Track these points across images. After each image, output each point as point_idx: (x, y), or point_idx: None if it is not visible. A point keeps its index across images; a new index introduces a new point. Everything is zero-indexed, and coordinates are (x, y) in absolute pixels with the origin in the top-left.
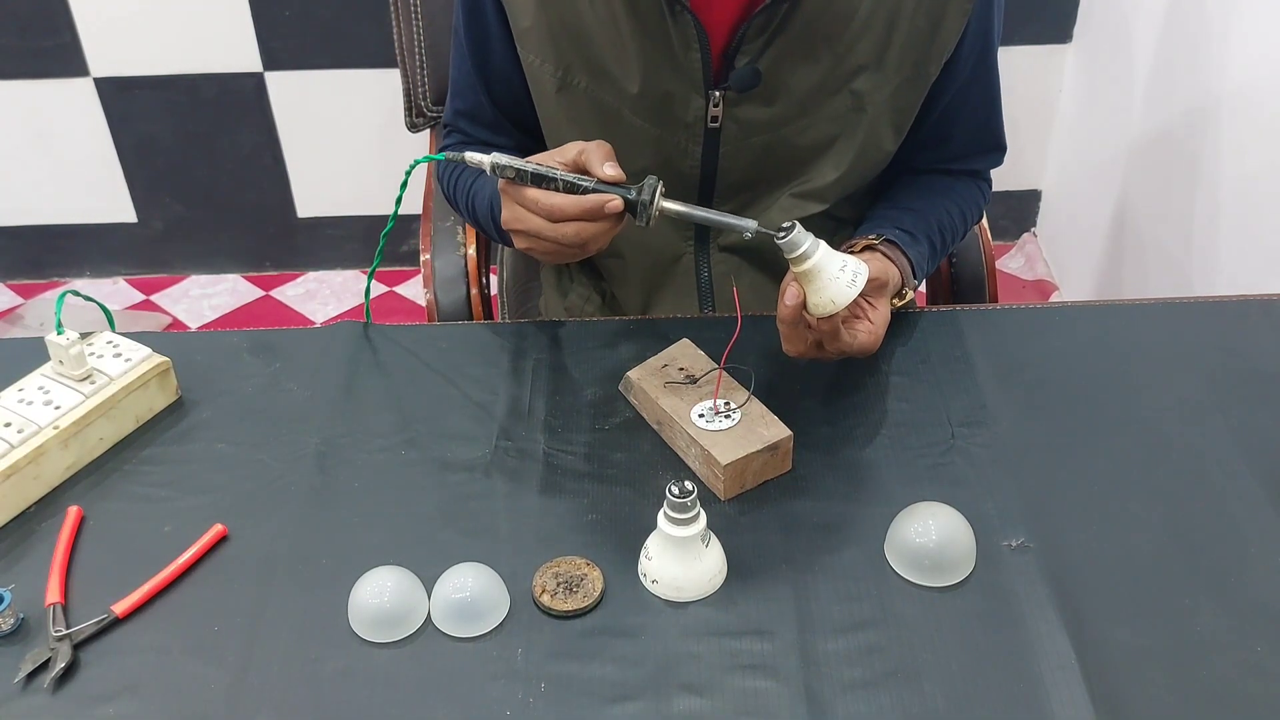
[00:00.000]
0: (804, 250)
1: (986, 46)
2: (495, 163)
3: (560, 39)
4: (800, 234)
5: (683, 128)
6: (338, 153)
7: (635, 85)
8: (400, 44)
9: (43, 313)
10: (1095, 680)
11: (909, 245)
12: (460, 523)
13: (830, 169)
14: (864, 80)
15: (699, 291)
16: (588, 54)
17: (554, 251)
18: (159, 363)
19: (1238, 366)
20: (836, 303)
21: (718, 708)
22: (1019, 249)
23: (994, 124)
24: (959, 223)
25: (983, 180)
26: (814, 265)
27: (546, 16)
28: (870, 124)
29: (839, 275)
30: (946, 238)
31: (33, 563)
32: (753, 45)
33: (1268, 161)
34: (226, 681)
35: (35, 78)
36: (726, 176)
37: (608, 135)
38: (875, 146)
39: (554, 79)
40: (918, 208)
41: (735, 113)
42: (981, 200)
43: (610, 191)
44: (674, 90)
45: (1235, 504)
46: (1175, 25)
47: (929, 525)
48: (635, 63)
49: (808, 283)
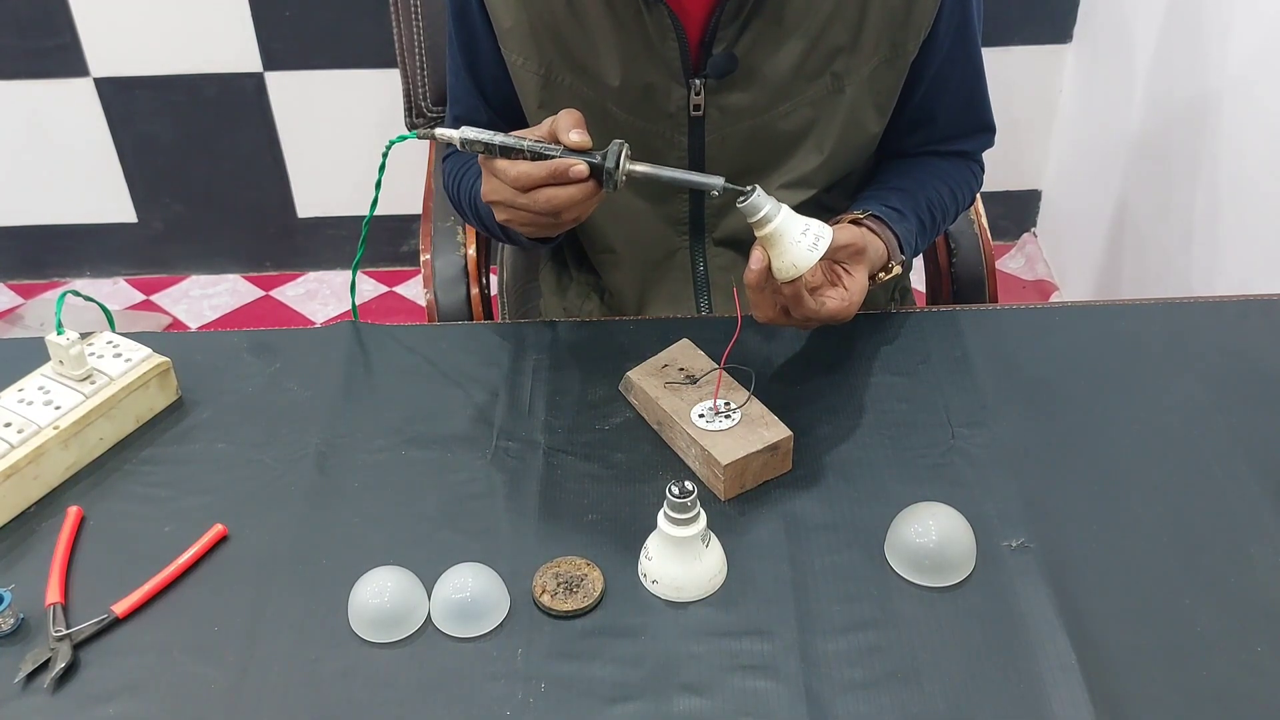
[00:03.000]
0: (765, 214)
1: (964, 21)
2: (464, 137)
3: (540, 37)
4: (760, 197)
5: (666, 118)
6: (338, 153)
7: (616, 78)
8: (400, 44)
9: (43, 313)
10: (1095, 680)
11: (896, 221)
12: (460, 523)
13: (815, 153)
14: (842, 61)
15: (695, 285)
16: (567, 50)
17: (531, 221)
18: (159, 363)
19: (1238, 366)
20: (798, 266)
21: (718, 708)
22: (1019, 249)
23: (978, 103)
24: (949, 201)
25: (974, 161)
26: (775, 229)
27: (526, 15)
28: (851, 105)
29: (800, 239)
30: (936, 216)
31: (33, 563)
32: (727, 31)
33: (1268, 161)
34: (226, 681)
35: (35, 78)
36: (715, 165)
37: (594, 131)
38: (859, 128)
39: (537, 77)
40: (905, 187)
41: (717, 100)
42: (973, 180)
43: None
44: (654, 81)
45: (1235, 504)
46: (1175, 25)
47: (929, 525)
48: (614, 56)
49: (770, 246)
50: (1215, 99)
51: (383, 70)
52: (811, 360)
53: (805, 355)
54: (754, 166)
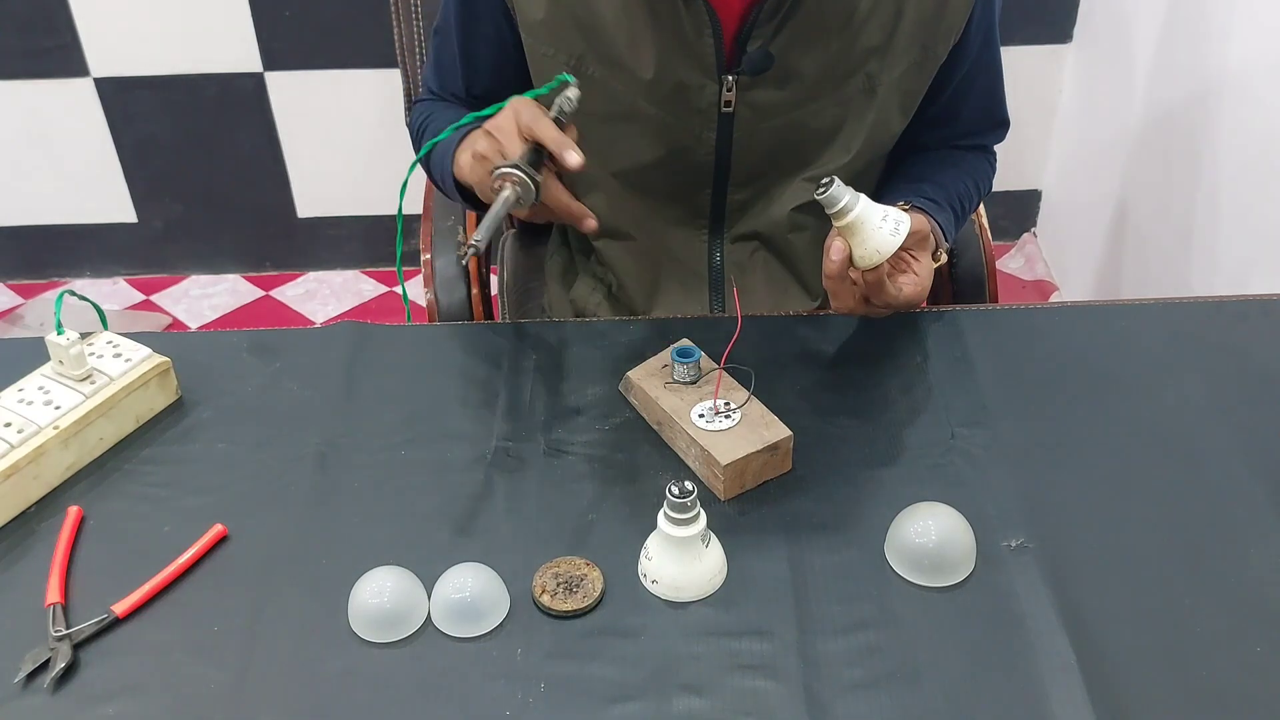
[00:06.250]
0: (845, 204)
1: (991, 25)
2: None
3: (573, 29)
4: (839, 188)
5: (696, 114)
6: (338, 153)
7: (649, 72)
8: (400, 44)
9: (43, 313)
10: (1095, 680)
11: (936, 212)
12: (460, 523)
13: (842, 151)
14: (875, 62)
15: (710, 279)
16: (600, 43)
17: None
18: (159, 363)
19: (1238, 366)
20: (881, 252)
21: (718, 708)
22: (1019, 249)
23: (998, 101)
24: (974, 192)
25: (990, 153)
26: (856, 217)
27: (560, 8)
28: (880, 106)
29: (881, 225)
30: (965, 205)
31: (33, 563)
32: (765, 29)
33: (1268, 161)
34: (226, 681)
35: (35, 78)
36: (741, 162)
37: (620, 124)
38: (884, 128)
39: (566, 69)
40: (938, 179)
41: (748, 97)
42: (990, 172)
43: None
44: (687, 76)
45: (1235, 504)
46: (1175, 25)
47: (929, 525)
48: (649, 50)
49: (851, 235)
50: (1215, 99)
51: (383, 70)
52: (811, 360)
53: (805, 355)
54: (780, 164)
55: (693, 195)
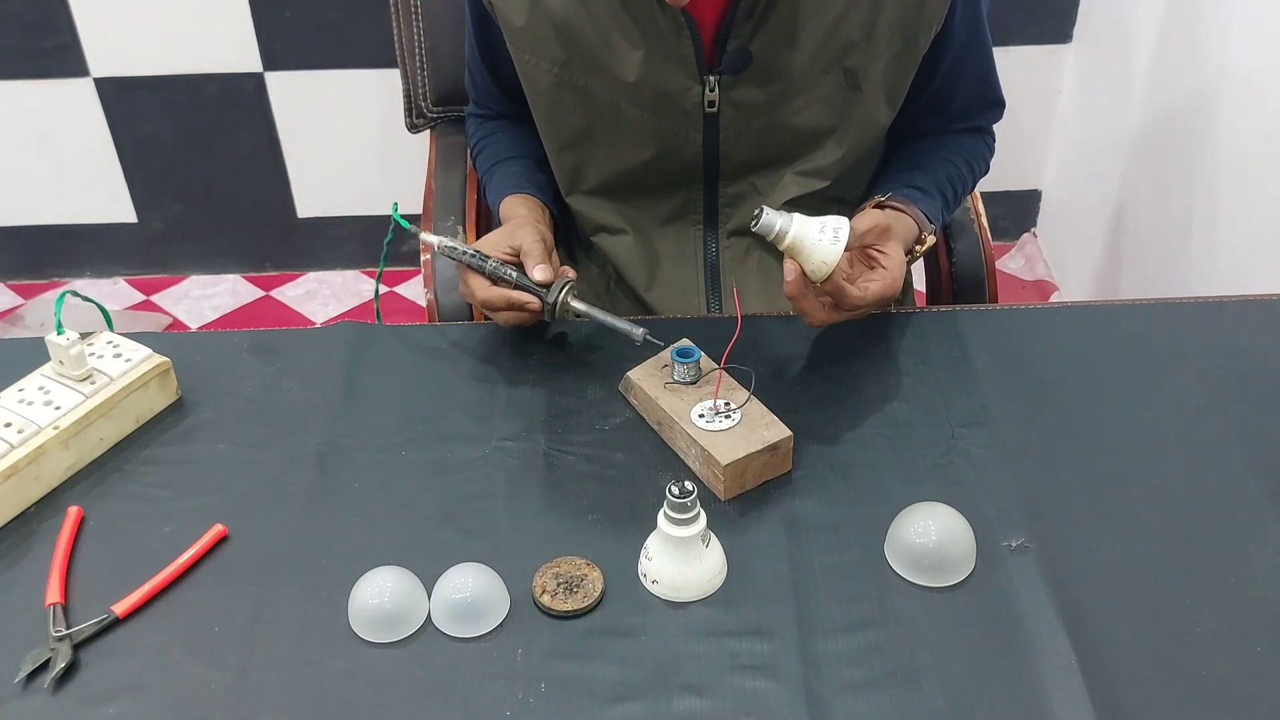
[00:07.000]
0: (779, 229)
1: (977, 13)
2: (441, 245)
3: (554, 36)
4: (769, 216)
5: (682, 115)
6: (338, 153)
7: (632, 76)
8: (400, 44)
9: (43, 313)
10: (1095, 680)
11: (920, 200)
12: (460, 523)
13: (832, 147)
14: (855, 56)
15: (705, 274)
16: (582, 49)
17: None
18: (159, 363)
19: (1238, 366)
20: (828, 263)
21: (718, 708)
22: (1019, 249)
23: (990, 82)
24: (967, 174)
25: (986, 134)
26: (794, 237)
27: (539, 15)
28: (866, 100)
29: (820, 237)
30: (957, 188)
31: (33, 563)
32: (743, 29)
33: (1268, 161)
34: (226, 681)
35: (35, 78)
36: (729, 161)
37: (605, 129)
38: (871, 122)
39: (550, 76)
40: (927, 165)
41: (732, 96)
42: (986, 152)
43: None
44: (670, 79)
45: (1235, 504)
46: (1175, 25)
47: (929, 525)
48: (630, 55)
49: (796, 254)
50: (1215, 98)
51: (383, 70)
52: (811, 360)
53: (805, 355)
54: (768, 162)
55: (684, 193)
